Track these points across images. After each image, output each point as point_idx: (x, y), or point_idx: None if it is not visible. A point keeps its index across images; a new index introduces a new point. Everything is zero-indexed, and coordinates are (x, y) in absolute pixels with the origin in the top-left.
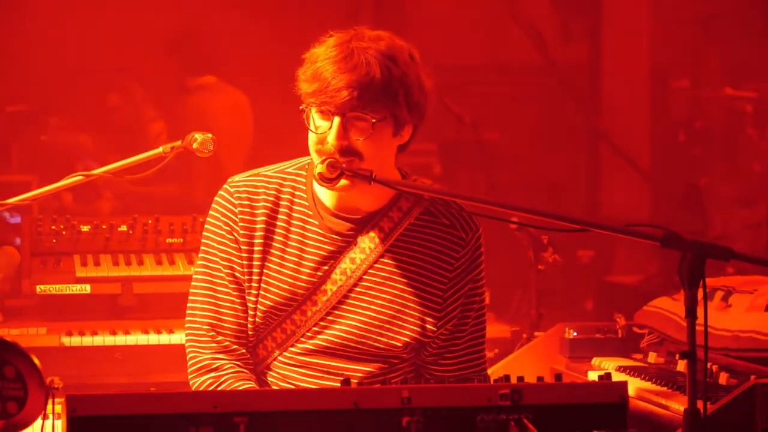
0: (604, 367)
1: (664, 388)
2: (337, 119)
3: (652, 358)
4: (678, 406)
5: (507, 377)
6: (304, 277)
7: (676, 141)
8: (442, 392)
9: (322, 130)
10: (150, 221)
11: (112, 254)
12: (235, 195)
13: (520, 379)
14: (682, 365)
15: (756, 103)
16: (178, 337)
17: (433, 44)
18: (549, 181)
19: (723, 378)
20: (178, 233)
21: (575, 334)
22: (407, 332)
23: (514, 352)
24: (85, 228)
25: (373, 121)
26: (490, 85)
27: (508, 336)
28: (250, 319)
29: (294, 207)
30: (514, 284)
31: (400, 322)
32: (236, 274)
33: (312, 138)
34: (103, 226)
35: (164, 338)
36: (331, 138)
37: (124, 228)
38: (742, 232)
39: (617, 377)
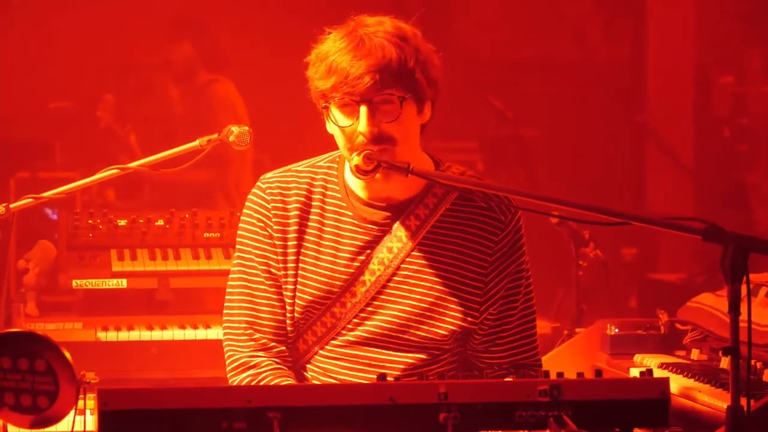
0: (645, 363)
1: (707, 386)
2: (364, 108)
3: (695, 354)
4: (721, 403)
5: (546, 373)
6: (341, 269)
7: (721, 138)
8: (480, 388)
9: (348, 122)
10: (187, 215)
11: (148, 248)
12: (267, 191)
13: (560, 374)
14: (725, 362)
15: None
16: (215, 333)
17: (477, 41)
18: (592, 179)
19: (767, 375)
20: (216, 227)
21: (617, 330)
22: (449, 319)
23: (555, 348)
24: (122, 222)
25: (401, 99)
26: (533, 83)
27: (548, 332)
28: (288, 314)
29: (327, 199)
30: (556, 281)
31: (441, 310)
32: (272, 270)
33: (339, 135)
34: (140, 221)
35: (201, 333)
36: (362, 127)
37: (161, 222)
38: None
39: (659, 374)
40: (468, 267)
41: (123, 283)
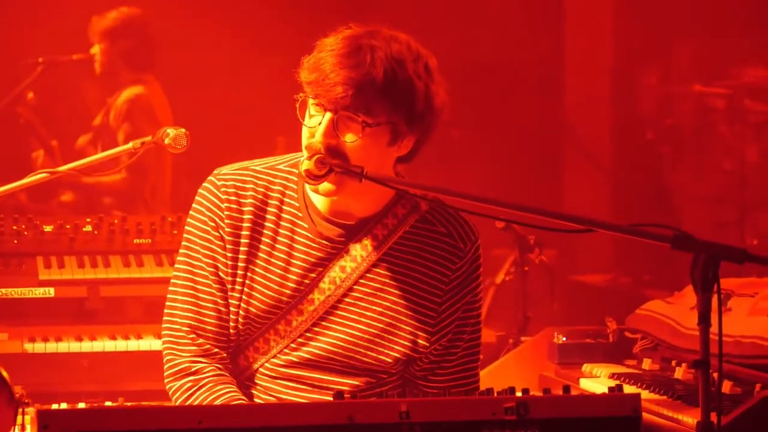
0: (595, 373)
1: (664, 397)
2: (328, 115)
3: (647, 364)
4: (682, 416)
5: (512, 389)
6: (291, 284)
7: (645, 139)
8: (443, 406)
9: (314, 123)
10: (116, 221)
11: (77, 255)
12: (222, 189)
13: (526, 391)
14: (679, 372)
15: (727, 99)
16: (147, 343)
17: None
18: (511, 178)
19: (726, 386)
20: (147, 233)
21: (564, 339)
22: (398, 347)
23: (501, 357)
24: (48, 228)
25: (365, 124)
26: (454, 83)
27: (493, 341)
28: (232, 324)
29: (284, 207)
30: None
31: (390, 337)
32: (220, 273)
33: (304, 131)
34: (67, 226)
35: (133, 344)
36: (319, 134)
37: (89, 228)
38: (713, 231)
39: (610, 385)
40: (422, 294)
41: (50, 291)
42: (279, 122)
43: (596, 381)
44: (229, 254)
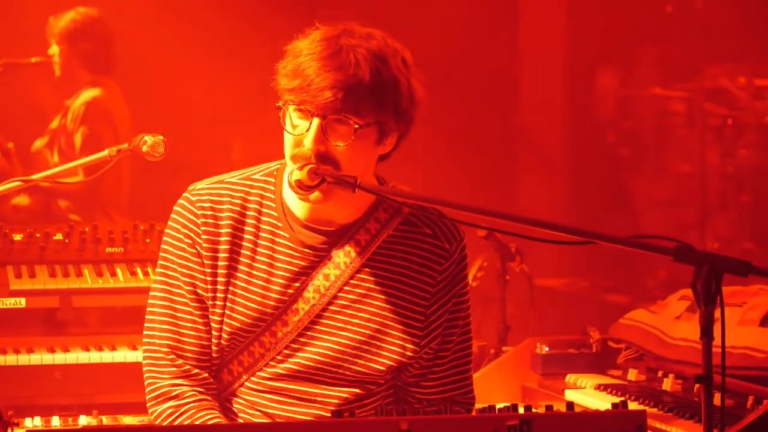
0: (580, 384)
1: (654, 409)
2: (316, 121)
3: (633, 375)
4: (675, 429)
5: (514, 406)
6: (274, 295)
7: (604, 142)
8: (444, 424)
9: (300, 130)
10: (87, 229)
11: (48, 265)
12: (198, 204)
13: (528, 408)
14: (667, 383)
15: (686, 103)
16: (121, 355)
17: None
18: (464, 181)
19: (717, 398)
20: (119, 242)
21: (547, 349)
22: (387, 354)
23: (482, 368)
24: (18, 237)
25: (356, 126)
26: None
27: (475, 351)
28: (214, 340)
29: (262, 218)
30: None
31: (379, 343)
32: (198, 291)
33: (288, 139)
34: (38, 235)
35: (107, 355)
36: (308, 141)
37: (59, 236)
38: (672, 234)
39: (597, 396)
40: (410, 298)
41: (21, 302)
42: (235, 126)
43: (582, 392)
44: (208, 270)
